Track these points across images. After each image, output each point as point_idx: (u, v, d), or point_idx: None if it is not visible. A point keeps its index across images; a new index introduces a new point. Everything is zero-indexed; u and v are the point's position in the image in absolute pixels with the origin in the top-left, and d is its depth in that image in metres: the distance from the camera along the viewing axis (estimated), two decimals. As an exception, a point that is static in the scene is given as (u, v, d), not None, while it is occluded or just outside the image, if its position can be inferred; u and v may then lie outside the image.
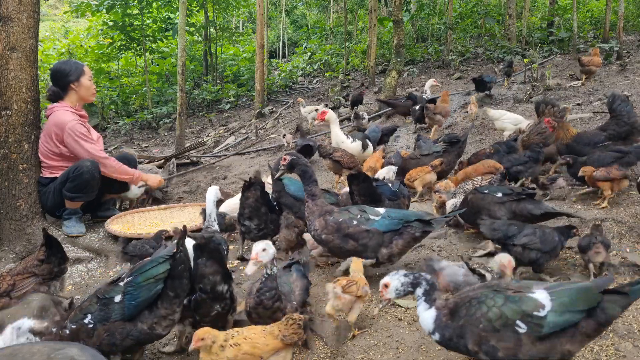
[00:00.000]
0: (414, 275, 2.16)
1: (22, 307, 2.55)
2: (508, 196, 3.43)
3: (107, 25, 12.76)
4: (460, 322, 1.97)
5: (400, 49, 8.84)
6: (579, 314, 1.80)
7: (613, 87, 7.68)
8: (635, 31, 14.09)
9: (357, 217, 3.10)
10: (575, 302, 1.81)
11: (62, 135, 4.43)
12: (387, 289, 2.19)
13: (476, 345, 1.92)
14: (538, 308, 1.82)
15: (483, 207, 3.47)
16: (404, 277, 2.16)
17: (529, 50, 11.69)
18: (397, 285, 2.17)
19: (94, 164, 4.44)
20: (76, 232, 4.50)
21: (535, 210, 3.33)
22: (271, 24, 23.43)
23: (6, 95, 4.23)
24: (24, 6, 4.26)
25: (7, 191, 4.27)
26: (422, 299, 2.11)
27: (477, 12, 15.26)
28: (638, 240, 3.35)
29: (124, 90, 13.93)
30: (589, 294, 1.83)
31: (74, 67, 4.65)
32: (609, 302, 1.81)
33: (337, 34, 19.17)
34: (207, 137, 10.08)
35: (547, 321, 1.80)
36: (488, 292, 1.96)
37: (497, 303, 1.89)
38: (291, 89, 14.66)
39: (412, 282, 2.14)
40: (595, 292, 1.83)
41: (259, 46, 10.90)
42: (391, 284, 2.19)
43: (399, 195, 3.85)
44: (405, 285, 2.15)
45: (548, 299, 1.84)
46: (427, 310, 2.09)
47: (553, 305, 1.82)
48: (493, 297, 1.92)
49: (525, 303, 1.85)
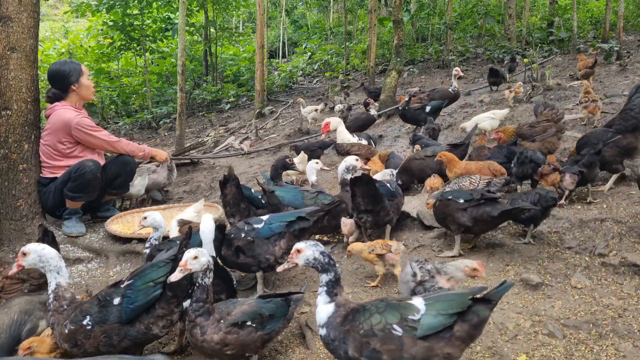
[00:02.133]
0: (329, 259, 2.15)
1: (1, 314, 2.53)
2: (469, 202, 3.40)
3: (107, 25, 12.77)
4: (346, 327, 2.04)
5: (400, 49, 8.84)
6: (452, 317, 1.93)
7: (613, 87, 7.68)
8: (635, 31, 14.09)
9: (244, 229, 3.24)
10: (447, 307, 1.94)
11: (70, 132, 4.50)
12: (299, 255, 2.18)
13: (357, 351, 1.99)
14: (413, 312, 1.96)
15: (448, 214, 3.49)
16: (320, 254, 2.16)
17: (529, 50, 11.70)
18: (309, 256, 2.16)
19: (96, 163, 4.46)
20: (76, 232, 4.50)
21: (493, 211, 3.32)
22: (271, 24, 23.43)
23: (6, 95, 4.23)
24: (24, 6, 4.26)
25: (7, 191, 4.27)
26: (324, 289, 2.12)
27: (477, 12, 15.26)
28: (638, 240, 3.35)
29: (124, 90, 13.92)
30: (460, 299, 1.96)
31: (72, 68, 4.66)
32: (480, 305, 1.95)
33: (337, 34, 19.17)
34: (207, 137, 10.08)
35: (420, 324, 1.93)
36: (377, 302, 2.07)
37: (379, 309, 2.01)
38: (291, 89, 14.66)
39: (323, 264, 2.14)
40: (466, 297, 1.95)
41: (259, 46, 10.90)
42: (305, 251, 2.17)
43: (395, 195, 3.87)
44: (317, 261, 2.15)
45: (423, 304, 1.98)
46: (326, 304, 2.11)
47: (427, 309, 1.96)
48: (376, 305, 2.04)
49: (403, 308, 1.99)
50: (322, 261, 2.15)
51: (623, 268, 3.07)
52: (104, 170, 4.71)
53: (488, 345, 2.50)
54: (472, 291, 1.99)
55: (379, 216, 3.68)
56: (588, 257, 3.27)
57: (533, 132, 4.73)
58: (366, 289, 3.21)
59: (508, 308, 2.81)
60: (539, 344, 2.47)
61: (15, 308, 2.54)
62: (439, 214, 3.58)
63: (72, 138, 4.55)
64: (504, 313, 2.76)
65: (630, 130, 4.23)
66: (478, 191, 3.52)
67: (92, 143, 4.64)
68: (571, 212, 3.91)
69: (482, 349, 2.48)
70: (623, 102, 5.05)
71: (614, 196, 4.06)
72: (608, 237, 3.42)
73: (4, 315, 2.50)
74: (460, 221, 3.41)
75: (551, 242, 3.50)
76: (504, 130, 4.83)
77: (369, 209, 3.64)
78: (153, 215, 3.33)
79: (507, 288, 1.98)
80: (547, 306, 2.79)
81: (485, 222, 3.39)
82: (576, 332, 2.53)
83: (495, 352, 2.43)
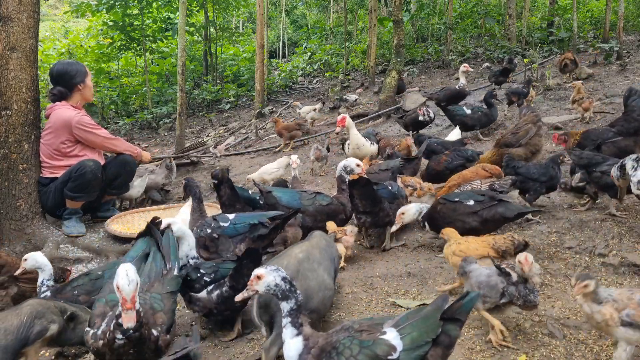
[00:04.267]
0: (290, 286, 1.99)
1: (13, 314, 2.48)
2: (480, 203, 3.39)
3: (107, 25, 12.76)
4: None
5: (400, 49, 8.84)
6: (427, 345, 1.84)
7: (613, 87, 7.68)
8: (635, 31, 14.09)
9: (210, 225, 3.30)
10: (423, 335, 1.85)
11: (71, 130, 4.53)
12: (259, 281, 2.01)
13: None
14: (390, 352, 1.82)
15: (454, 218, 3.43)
16: (282, 280, 1.99)
17: (529, 50, 11.69)
18: (270, 283, 1.99)
19: (97, 163, 4.48)
20: (76, 232, 4.51)
21: (508, 212, 3.33)
22: (271, 24, 23.43)
23: (6, 95, 4.23)
24: (24, 6, 4.27)
25: (7, 191, 4.27)
26: (288, 320, 1.96)
27: (477, 12, 15.25)
28: (638, 240, 3.35)
29: (124, 90, 13.92)
30: (433, 323, 1.86)
31: (78, 69, 4.73)
32: (450, 324, 1.87)
33: (337, 34, 19.17)
34: (207, 137, 10.08)
35: None
36: (346, 340, 1.89)
37: (353, 352, 1.85)
38: (291, 89, 14.66)
39: (284, 290, 1.97)
40: (437, 318, 1.86)
41: (259, 46, 10.90)
42: (266, 277, 2.00)
43: (397, 197, 3.87)
44: (277, 288, 1.98)
45: (398, 339, 1.85)
46: (293, 338, 1.94)
47: (404, 344, 1.83)
48: (350, 347, 1.87)
49: (379, 347, 1.84)
50: (283, 288, 1.97)
51: (623, 268, 3.07)
52: (104, 170, 4.73)
53: (488, 345, 2.50)
54: (438, 307, 1.90)
55: (378, 217, 3.68)
56: (588, 257, 3.27)
57: (517, 137, 4.69)
58: (366, 289, 3.20)
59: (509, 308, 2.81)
60: (539, 344, 2.47)
61: (26, 309, 2.48)
62: (445, 218, 3.47)
63: (73, 137, 4.57)
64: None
65: (632, 133, 4.27)
66: (485, 192, 3.52)
67: (92, 141, 4.65)
68: (571, 212, 3.91)
69: (482, 348, 2.48)
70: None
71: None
72: (608, 237, 3.41)
73: (14, 316, 2.45)
74: (470, 225, 3.36)
75: (551, 242, 3.50)
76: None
77: (367, 211, 3.65)
78: (33, 256, 2.95)
79: (473, 300, 1.90)
80: (547, 306, 2.78)
81: (496, 223, 3.36)
82: (576, 332, 2.53)
83: (495, 352, 2.43)
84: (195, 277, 2.76)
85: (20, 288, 3.16)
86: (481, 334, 2.57)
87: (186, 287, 2.76)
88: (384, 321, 1.95)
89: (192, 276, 2.76)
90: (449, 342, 1.86)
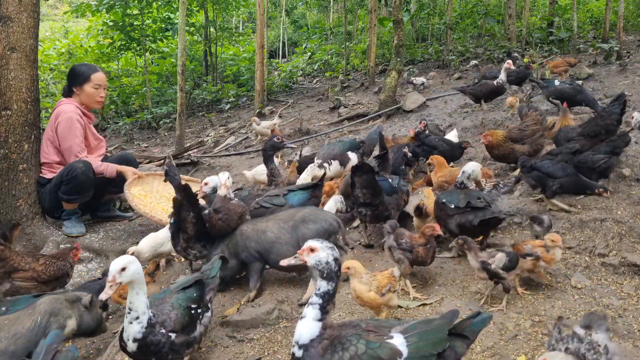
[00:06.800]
0: (338, 269, 1.93)
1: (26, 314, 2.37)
2: (457, 208, 3.34)
3: (107, 25, 12.77)
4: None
5: (400, 49, 8.83)
6: (432, 357, 1.82)
7: (613, 87, 7.68)
8: (635, 31, 14.09)
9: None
10: (430, 348, 1.83)
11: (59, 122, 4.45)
12: (312, 254, 1.94)
13: None
14: (395, 357, 1.81)
15: (441, 218, 3.49)
16: (334, 260, 1.93)
17: (529, 50, 11.69)
18: (322, 258, 1.93)
19: (87, 164, 4.42)
20: (76, 232, 4.50)
21: (475, 220, 3.25)
22: (271, 24, 23.44)
23: (6, 95, 4.23)
24: (24, 6, 4.27)
25: (7, 191, 4.27)
26: (318, 301, 1.90)
27: (477, 12, 15.25)
28: (638, 240, 3.35)
29: (124, 90, 13.93)
30: (441, 336, 1.85)
31: (82, 72, 4.71)
32: (457, 340, 1.86)
33: (337, 34, 19.18)
34: (207, 137, 10.08)
35: None
36: (353, 337, 1.88)
37: (359, 350, 1.84)
38: (291, 89, 14.65)
39: (331, 271, 1.92)
40: (445, 332, 1.86)
41: (259, 46, 10.90)
42: (319, 252, 1.94)
43: (397, 190, 3.87)
44: (327, 266, 1.92)
45: (404, 345, 1.83)
46: (314, 321, 1.89)
47: (409, 352, 1.82)
48: (356, 344, 1.85)
49: (384, 350, 1.83)
50: (332, 268, 1.92)
51: (623, 268, 3.07)
52: (105, 169, 4.70)
53: (488, 345, 2.50)
54: (448, 321, 1.88)
55: (378, 210, 3.69)
56: (588, 257, 3.27)
57: (523, 135, 4.79)
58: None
59: (508, 308, 2.81)
60: (539, 344, 2.47)
61: (40, 308, 2.38)
62: (437, 217, 3.55)
63: None
64: (504, 313, 2.76)
65: (592, 136, 4.50)
66: (473, 196, 3.38)
67: (62, 139, 4.48)
68: (571, 212, 3.91)
69: (482, 349, 2.48)
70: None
71: (614, 196, 4.05)
72: (608, 237, 3.41)
73: (27, 317, 2.33)
74: (450, 227, 3.42)
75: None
76: (492, 134, 4.79)
77: (368, 202, 3.65)
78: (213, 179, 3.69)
79: (485, 322, 1.88)
80: (547, 306, 2.78)
81: (468, 229, 3.28)
82: (576, 332, 2.53)
83: (495, 352, 2.43)
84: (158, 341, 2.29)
85: (14, 285, 3.08)
86: (481, 334, 2.57)
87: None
88: (391, 325, 1.94)
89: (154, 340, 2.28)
90: (455, 358, 1.85)
